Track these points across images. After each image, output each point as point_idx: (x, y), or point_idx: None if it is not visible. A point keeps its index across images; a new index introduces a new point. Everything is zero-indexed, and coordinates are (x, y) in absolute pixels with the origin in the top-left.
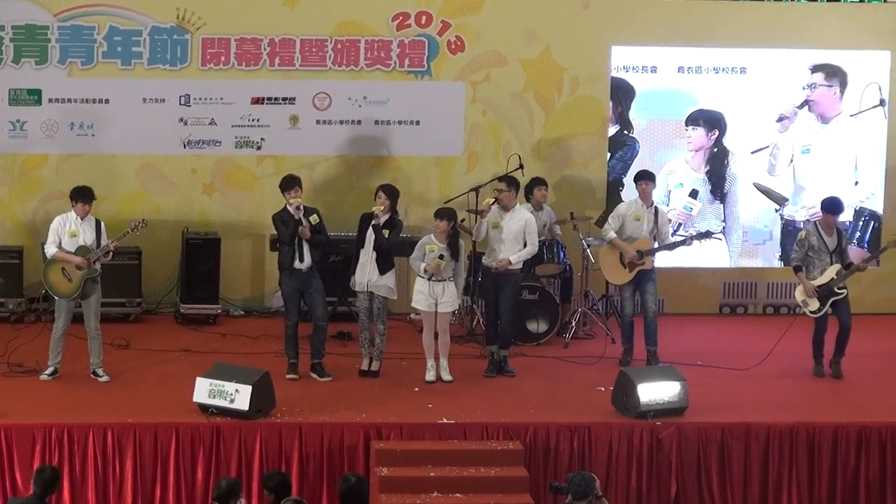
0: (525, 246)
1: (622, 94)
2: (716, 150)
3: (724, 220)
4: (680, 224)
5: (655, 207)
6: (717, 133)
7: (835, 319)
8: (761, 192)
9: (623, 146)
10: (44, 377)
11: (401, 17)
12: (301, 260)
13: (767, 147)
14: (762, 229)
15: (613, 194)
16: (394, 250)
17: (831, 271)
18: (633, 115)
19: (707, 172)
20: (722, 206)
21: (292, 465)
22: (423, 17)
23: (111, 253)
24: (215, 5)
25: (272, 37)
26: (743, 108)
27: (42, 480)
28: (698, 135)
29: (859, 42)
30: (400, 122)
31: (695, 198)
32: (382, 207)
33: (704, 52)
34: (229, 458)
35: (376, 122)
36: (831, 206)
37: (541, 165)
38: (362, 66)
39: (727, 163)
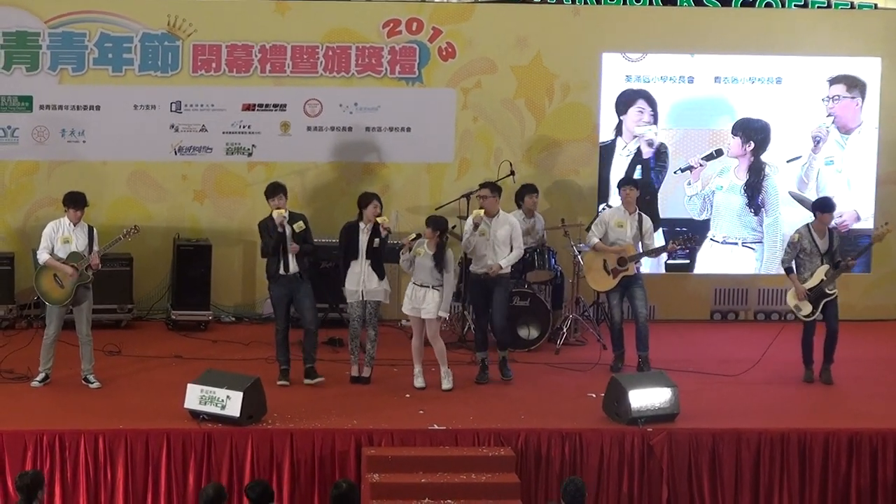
0: (511, 250)
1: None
2: (752, 160)
3: (759, 230)
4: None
5: (639, 214)
6: (752, 145)
7: (822, 323)
8: (796, 200)
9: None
10: (35, 383)
11: (392, 24)
12: (286, 268)
13: (801, 156)
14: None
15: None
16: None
17: (820, 273)
18: (668, 124)
19: (745, 183)
20: (756, 217)
21: (283, 472)
22: (414, 24)
23: (98, 265)
24: (206, 12)
25: (263, 43)
26: (778, 117)
27: (24, 484)
28: (735, 144)
29: (850, 49)
30: (391, 129)
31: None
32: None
33: (738, 60)
34: (220, 464)
35: (367, 129)
36: (823, 205)
37: (531, 172)
38: (353, 72)
39: (763, 175)
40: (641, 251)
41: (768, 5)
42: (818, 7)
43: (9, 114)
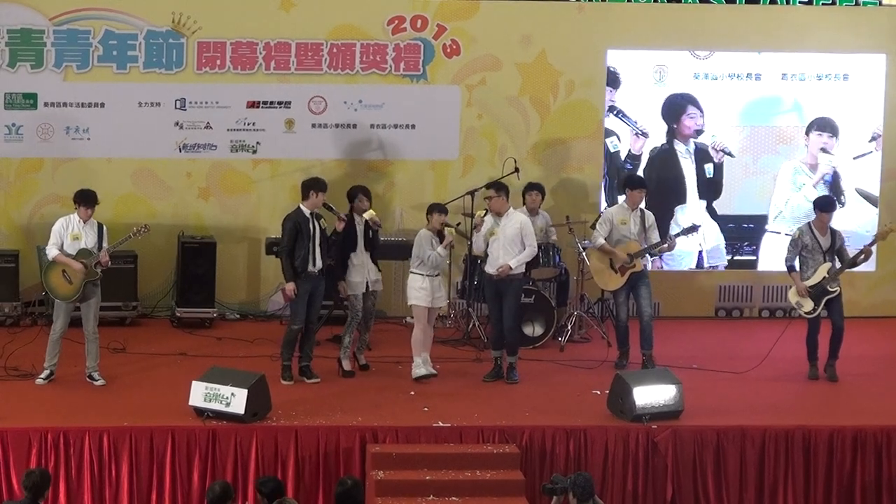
0: (524, 249)
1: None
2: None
3: None
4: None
5: (641, 210)
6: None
7: (828, 320)
8: (863, 197)
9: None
10: (39, 381)
11: (396, 21)
12: (314, 263)
13: (870, 153)
14: (864, 234)
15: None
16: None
17: (822, 270)
18: (737, 122)
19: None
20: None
21: (288, 469)
22: (419, 21)
23: (108, 262)
24: (211, 9)
25: (268, 40)
26: (843, 114)
27: (31, 483)
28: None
29: (855, 45)
30: (395, 126)
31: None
32: (369, 208)
33: (747, 57)
34: (225, 461)
35: (372, 126)
36: (824, 205)
37: (536, 169)
38: (358, 69)
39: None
40: (647, 246)
41: (772, 2)
42: (823, 4)
43: (13, 111)
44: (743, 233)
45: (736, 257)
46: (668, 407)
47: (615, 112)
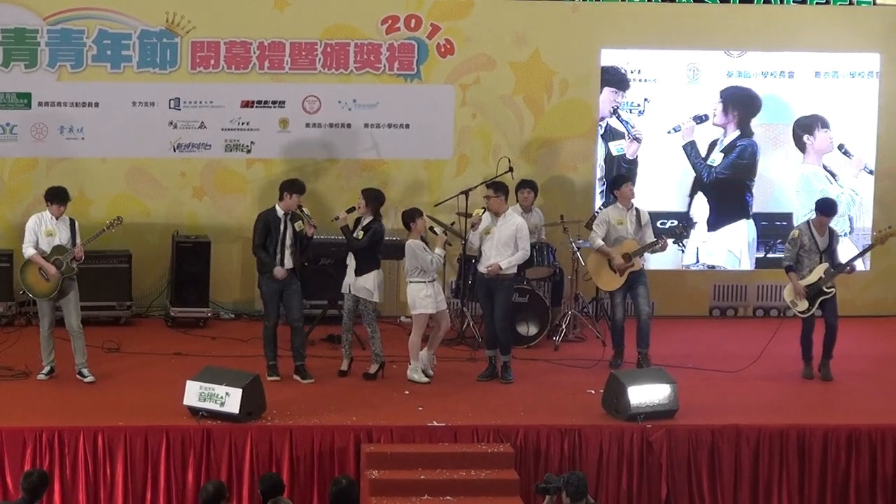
0: (517, 251)
1: (745, 104)
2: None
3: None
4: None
5: (636, 209)
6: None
7: (821, 319)
8: None
9: (734, 148)
10: (41, 377)
11: (390, 21)
12: (282, 263)
13: None
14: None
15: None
16: (369, 252)
17: (819, 270)
18: (770, 120)
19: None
20: None
21: (283, 468)
22: (413, 21)
23: (83, 256)
24: (205, 9)
25: (262, 40)
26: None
27: (29, 484)
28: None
29: (849, 44)
30: (389, 126)
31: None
32: (355, 208)
33: (755, 56)
34: (220, 461)
35: (366, 126)
36: (826, 207)
37: (530, 168)
38: (352, 69)
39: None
40: (646, 244)
41: (766, 1)
42: (817, 3)
43: (7, 111)
44: (777, 230)
45: (769, 255)
46: (662, 406)
47: (616, 115)
